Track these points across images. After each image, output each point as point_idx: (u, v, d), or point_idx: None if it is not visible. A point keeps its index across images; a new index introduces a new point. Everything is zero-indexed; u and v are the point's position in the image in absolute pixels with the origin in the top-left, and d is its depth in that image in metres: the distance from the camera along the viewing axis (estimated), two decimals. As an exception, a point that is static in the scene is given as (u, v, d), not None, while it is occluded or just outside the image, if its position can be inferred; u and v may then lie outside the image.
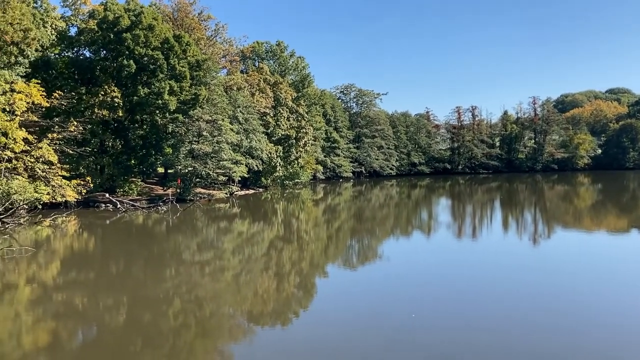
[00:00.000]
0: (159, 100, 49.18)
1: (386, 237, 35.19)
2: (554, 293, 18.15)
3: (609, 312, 15.95)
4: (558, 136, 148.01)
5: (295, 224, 42.02)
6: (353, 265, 24.99)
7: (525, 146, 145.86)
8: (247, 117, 64.03)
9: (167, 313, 16.71)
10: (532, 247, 29.28)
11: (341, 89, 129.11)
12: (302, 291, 20.01)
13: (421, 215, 49.35)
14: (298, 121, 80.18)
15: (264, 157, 67.01)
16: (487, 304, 17.02)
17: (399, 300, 17.45)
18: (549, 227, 38.85)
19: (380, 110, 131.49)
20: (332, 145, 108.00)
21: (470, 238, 33.17)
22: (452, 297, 17.82)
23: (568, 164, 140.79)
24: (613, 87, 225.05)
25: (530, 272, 21.91)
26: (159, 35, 50.61)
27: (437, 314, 15.99)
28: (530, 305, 16.62)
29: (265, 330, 15.04)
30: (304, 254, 27.96)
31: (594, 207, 53.36)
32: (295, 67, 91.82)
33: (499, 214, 50.04)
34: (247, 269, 24.15)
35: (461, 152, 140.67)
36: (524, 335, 13.73)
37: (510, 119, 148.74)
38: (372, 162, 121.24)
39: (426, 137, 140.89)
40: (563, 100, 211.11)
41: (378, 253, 28.28)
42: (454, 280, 20.52)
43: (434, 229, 38.00)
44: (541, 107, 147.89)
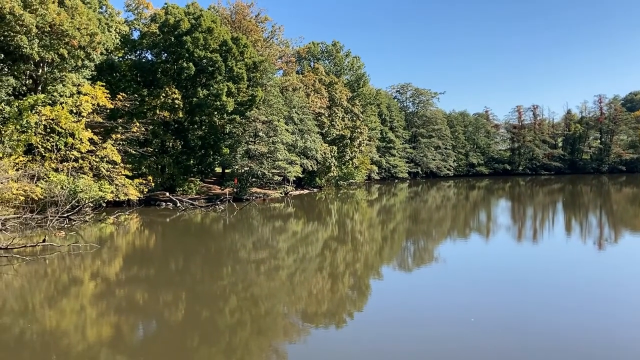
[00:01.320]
0: (217, 101, 50.26)
1: (442, 239, 34.51)
2: (617, 300, 17.25)
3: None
4: (626, 136, 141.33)
5: (350, 224, 41.89)
6: (408, 268, 24.63)
7: (590, 147, 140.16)
8: (302, 117, 64.44)
9: (223, 310, 16.97)
10: (596, 252, 27.97)
11: (397, 89, 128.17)
12: (356, 292, 19.87)
13: (479, 217, 48.15)
14: (353, 121, 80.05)
15: (318, 157, 67.27)
16: (546, 310, 16.34)
17: (455, 304, 17.03)
18: (615, 231, 37.04)
19: (437, 110, 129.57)
20: (388, 145, 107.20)
21: (531, 242, 32.04)
22: (510, 303, 17.23)
23: (637, 165, 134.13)
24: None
25: (592, 278, 20.93)
26: (218, 38, 51.70)
27: (494, 320, 15.48)
28: (592, 311, 15.87)
29: (319, 330, 15.00)
30: (358, 255, 27.80)
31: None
32: (350, 67, 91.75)
33: (562, 216, 48.14)
34: (302, 268, 24.23)
35: (522, 153, 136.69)
36: (593, 346, 13.10)
37: (573, 118, 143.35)
38: (428, 163, 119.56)
39: (485, 137, 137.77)
40: (632, 98, 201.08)
41: (434, 255, 27.75)
42: (512, 286, 19.84)
43: (492, 232, 36.97)
44: (608, 106, 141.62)
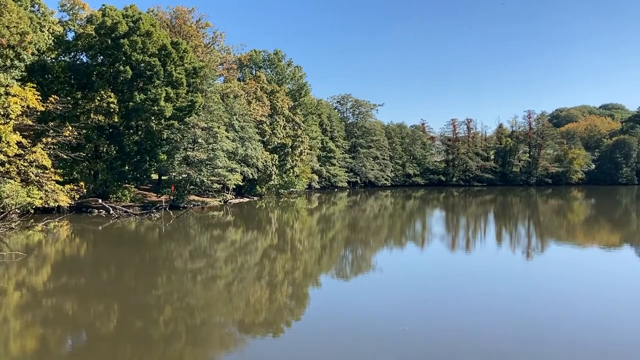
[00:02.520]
0: (154, 106, 49.17)
1: (380, 247, 35.11)
2: (541, 308, 18.12)
3: (600, 327, 15.93)
4: (552, 150, 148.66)
5: (289, 233, 41.90)
6: (346, 276, 24.89)
7: (519, 160, 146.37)
8: (243, 125, 64.03)
9: (157, 321, 16.56)
10: (525, 261, 29.25)
11: (338, 99, 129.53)
12: (294, 301, 19.89)
13: (415, 226, 49.31)
14: (294, 130, 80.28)
15: (259, 165, 66.96)
16: (479, 318, 16.94)
17: (391, 312, 17.36)
18: (542, 241, 38.87)
19: (376, 121, 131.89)
20: (328, 154, 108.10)
21: (464, 251, 33.13)
22: (442, 311, 17.75)
23: (562, 178, 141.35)
24: (607, 103, 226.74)
25: (519, 285, 21.89)
26: (157, 42, 50.67)
27: (429, 327, 15.90)
28: (518, 316, 16.59)
29: (257, 339, 14.91)
30: (297, 264, 27.84)
31: (587, 222, 53.52)
32: (292, 76, 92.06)
33: (493, 227, 50.05)
34: (240, 277, 24.01)
35: (456, 165, 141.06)
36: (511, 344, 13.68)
37: (505, 132, 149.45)
38: (367, 173, 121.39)
39: (421, 149, 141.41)
40: (558, 114, 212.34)
41: (371, 264, 28.19)
42: (444, 294, 20.44)
43: (427, 241, 37.96)
44: (536, 121, 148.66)
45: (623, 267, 27.52)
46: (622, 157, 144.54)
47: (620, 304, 18.73)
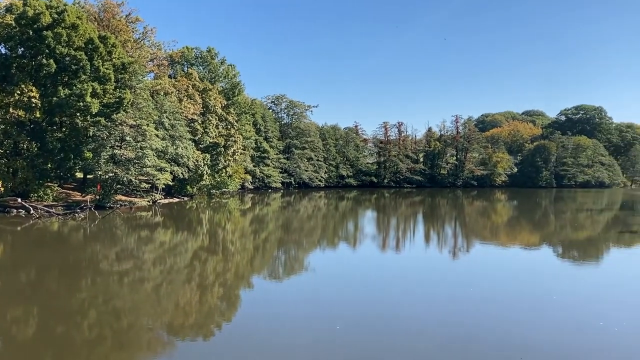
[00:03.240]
0: (80, 102, 47.14)
1: (313, 248, 35.30)
2: (465, 302, 18.85)
3: (516, 320, 16.75)
4: (478, 154, 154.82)
5: (221, 234, 41.33)
6: (279, 277, 24.84)
7: (447, 162, 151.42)
8: (174, 123, 62.56)
9: (81, 325, 15.89)
10: (451, 261, 30.28)
11: (272, 99, 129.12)
12: (225, 303, 19.64)
13: (348, 227, 49.94)
14: (227, 129, 79.26)
15: (190, 164, 65.64)
16: (409, 316, 17.38)
17: (323, 312, 17.49)
18: (468, 241, 40.39)
19: (310, 122, 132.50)
20: (262, 155, 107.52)
21: (394, 251, 33.89)
22: (376, 310, 18.08)
23: (487, 180, 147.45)
24: (529, 109, 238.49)
25: (446, 284, 22.67)
26: (83, 35, 48.61)
27: (360, 326, 16.15)
28: (445, 312, 17.18)
29: (186, 342, 14.61)
30: (228, 265, 27.51)
31: (509, 223, 56.12)
32: (225, 74, 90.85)
33: (422, 227, 51.51)
34: (169, 280, 23.45)
35: (387, 167, 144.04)
36: (439, 337, 14.13)
37: (434, 136, 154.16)
38: (301, 174, 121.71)
39: (354, 151, 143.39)
40: (484, 119, 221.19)
41: (304, 264, 28.29)
42: (378, 294, 20.83)
43: (359, 241, 38.54)
44: (463, 126, 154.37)
45: (542, 265, 29.05)
46: (542, 162, 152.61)
47: (540, 300, 19.75)
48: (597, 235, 45.07)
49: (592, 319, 17.04)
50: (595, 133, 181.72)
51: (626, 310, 18.41)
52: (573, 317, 17.43)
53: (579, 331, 15.90)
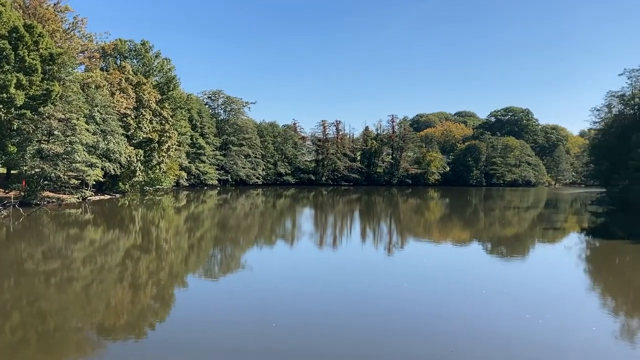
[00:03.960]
0: (3, 93, 44.65)
1: (250, 246, 35.06)
2: (398, 298, 19.32)
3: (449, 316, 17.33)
4: (413, 153, 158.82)
5: (155, 232, 40.31)
6: (214, 275, 24.51)
7: (383, 161, 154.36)
8: (106, 117, 60.42)
9: (3, 328, 15.06)
10: (386, 257, 30.90)
11: (209, 95, 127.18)
12: (159, 302, 19.18)
13: (285, 224, 49.93)
14: (162, 124, 77.33)
15: (122, 160, 63.61)
16: (344, 313, 17.59)
17: (259, 310, 17.41)
18: (402, 238, 41.33)
19: (248, 119, 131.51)
20: (198, 151, 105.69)
21: (331, 248, 34.20)
22: (310, 307, 18.19)
23: (421, 179, 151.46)
24: (461, 110, 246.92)
25: (381, 280, 23.13)
26: (7, 23, 46.07)
27: (296, 323, 16.20)
28: (378, 308, 17.53)
29: (118, 343, 14.16)
30: (162, 264, 26.87)
31: (442, 220, 57.89)
32: (160, 68, 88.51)
33: (358, 224, 52.25)
34: (100, 279, 22.64)
35: (325, 164, 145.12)
36: (378, 336, 14.40)
37: (370, 134, 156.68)
38: (238, 171, 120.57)
39: (293, 148, 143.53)
40: (418, 119, 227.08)
41: (241, 262, 28.05)
42: (313, 290, 20.97)
43: (297, 239, 38.62)
44: (399, 125, 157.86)
45: (472, 261, 30.18)
46: (473, 161, 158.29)
47: (470, 295, 20.50)
48: (524, 231, 47.23)
49: (519, 311, 17.83)
50: (523, 134, 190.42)
51: (550, 303, 19.40)
52: (501, 310, 18.18)
53: (507, 323, 16.61)
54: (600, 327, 16.31)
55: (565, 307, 18.85)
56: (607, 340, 15.13)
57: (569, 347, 14.47)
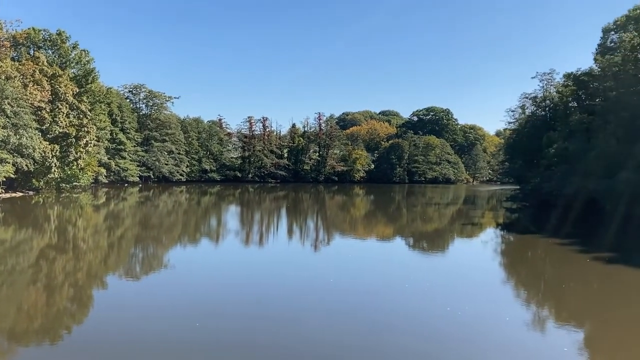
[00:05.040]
0: None
1: (173, 245, 34.19)
2: (322, 290, 19.54)
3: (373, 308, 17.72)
4: (339, 151, 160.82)
5: (72, 231, 38.45)
6: (135, 275, 23.71)
7: (310, 158, 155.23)
8: (17, 110, 56.89)
9: None
10: (312, 253, 31.12)
11: (130, 89, 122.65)
12: (76, 304, 18.32)
13: (210, 222, 49.12)
14: (79, 119, 73.82)
15: (36, 156, 60.20)
16: (269, 309, 17.55)
17: (181, 310, 17.03)
18: (328, 234, 41.77)
19: (171, 114, 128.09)
20: (118, 147, 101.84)
21: (257, 245, 34.00)
22: (234, 307, 18.01)
23: (347, 176, 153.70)
24: (385, 110, 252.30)
25: (306, 276, 23.28)
26: None
27: (219, 323, 15.98)
28: (301, 303, 17.64)
29: (30, 348, 13.39)
30: (80, 264, 25.67)
31: (366, 216, 59.03)
32: (78, 60, 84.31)
33: (285, 221, 52.27)
34: (10, 281, 21.29)
35: (251, 161, 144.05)
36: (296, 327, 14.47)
37: (297, 132, 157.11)
38: (161, 167, 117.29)
39: (218, 145, 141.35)
40: (344, 118, 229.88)
41: (163, 262, 27.30)
42: (237, 289, 20.77)
43: (222, 237, 38.10)
44: (325, 123, 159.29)
45: (395, 255, 31.00)
46: (396, 159, 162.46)
47: (393, 289, 21.03)
48: (444, 227, 49.06)
49: (440, 304, 18.48)
50: (443, 133, 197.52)
51: (468, 295, 20.27)
52: (424, 304, 18.79)
53: (429, 315, 17.19)
54: (513, 317, 17.22)
55: (482, 299, 19.75)
56: (520, 329, 16.00)
57: (484, 337, 15.17)
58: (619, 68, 59.42)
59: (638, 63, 57.84)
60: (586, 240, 37.74)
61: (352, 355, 13.36)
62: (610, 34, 68.25)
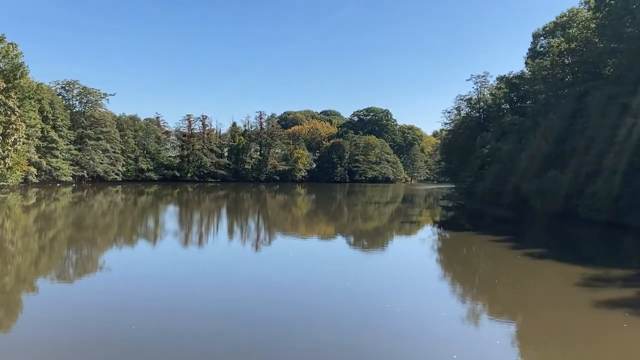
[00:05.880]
0: None
1: (108, 246, 33.08)
2: (263, 291, 19.50)
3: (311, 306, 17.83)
4: (280, 150, 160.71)
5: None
6: (68, 278, 22.78)
7: (251, 157, 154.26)
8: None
9: None
10: (253, 252, 30.91)
11: (62, 85, 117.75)
12: (2, 310, 17.39)
13: (147, 223, 47.88)
14: (7, 115, 70.27)
15: (-41, 154, 56.75)
16: (201, 308, 17.31)
17: (116, 313, 16.51)
18: (270, 234, 41.62)
19: (106, 112, 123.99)
20: (50, 145, 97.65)
21: (197, 246, 33.44)
22: (171, 310, 17.66)
23: (288, 175, 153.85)
24: (327, 109, 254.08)
25: (246, 276, 23.13)
26: None
27: (155, 326, 15.62)
28: (243, 303, 17.54)
29: (-49, 360, 12.61)
30: (7, 268, 24.37)
31: (308, 215, 59.24)
32: (5, 54, 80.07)
33: (225, 221, 51.66)
34: None
35: (191, 160, 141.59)
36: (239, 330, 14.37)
37: (238, 130, 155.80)
38: (95, 166, 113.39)
39: (155, 143, 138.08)
40: (286, 117, 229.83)
41: (98, 264, 26.36)
42: (177, 291, 20.36)
43: (160, 238, 37.22)
44: (267, 122, 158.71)
45: (337, 254, 31.27)
46: (337, 158, 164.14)
47: (334, 287, 21.21)
48: (383, 225, 49.94)
49: (380, 301, 18.80)
50: (383, 133, 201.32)
51: (407, 292, 20.74)
52: (364, 301, 19.04)
53: (368, 313, 17.43)
54: (449, 312, 17.74)
55: (420, 295, 20.26)
56: (455, 323, 16.51)
57: (422, 331, 15.57)
58: (548, 72, 62.43)
59: (565, 67, 60.97)
60: (518, 237, 39.42)
61: (289, 354, 13.37)
62: (540, 39, 71.64)
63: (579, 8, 64.15)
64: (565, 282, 22.64)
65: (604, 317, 17.34)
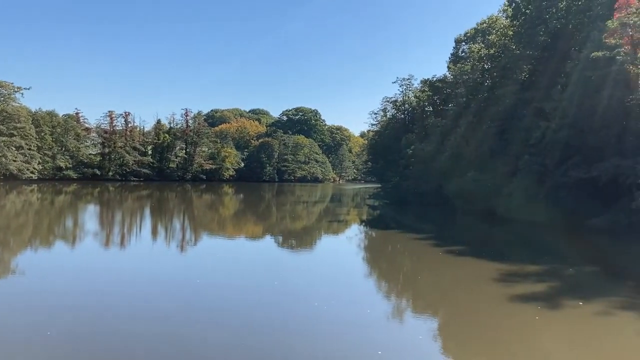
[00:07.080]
0: None
1: (22, 248, 31.22)
2: (191, 293, 19.11)
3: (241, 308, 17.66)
4: (207, 148, 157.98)
5: None
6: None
7: (176, 156, 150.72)
8: None
9: None
10: (178, 253, 30.20)
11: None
12: None
13: (65, 223, 45.62)
14: None
15: None
16: (127, 316, 16.75)
17: (31, 318, 15.62)
18: (196, 234, 40.80)
19: (20, 106, 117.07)
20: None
21: (118, 247, 32.23)
22: (90, 315, 16.94)
23: (215, 174, 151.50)
24: (255, 108, 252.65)
25: (174, 275, 22.58)
26: None
27: (74, 331, 14.93)
28: (165, 306, 17.10)
29: None
30: None
31: (236, 215, 58.60)
32: None
33: (149, 222, 50.13)
34: None
35: (112, 158, 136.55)
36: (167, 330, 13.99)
37: (163, 128, 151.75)
38: (8, 164, 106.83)
39: (75, 140, 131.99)
40: (213, 115, 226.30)
41: (10, 267, 24.82)
42: (93, 295, 19.54)
43: (78, 239, 35.56)
44: (193, 120, 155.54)
45: (264, 254, 31.13)
46: (266, 157, 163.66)
47: (262, 287, 21.09)
48: (312, 224, 50.23)
49: (308, 300, 18.87)
50: (312, 133, 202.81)
51: (334, 290, 20.94)
52: (293, 300, 19.06)
53: (297, 312, 17.46)
54: (374, 309, 18.10)
55: (347, 293, 20.51)
56: (380, 320, 16.85)
57: (348, 329, 15.75)
58: (468, 76, 65.15)
59: (485, 72, 63.85)
60: (440, 235, 40.85)
61: (217, 353, 13.17)
62: (461, 45, 74.65)
63: (497, 16, 67.48)
64: (484, 278, 23.66)
65: (518, 310, 18.26)
